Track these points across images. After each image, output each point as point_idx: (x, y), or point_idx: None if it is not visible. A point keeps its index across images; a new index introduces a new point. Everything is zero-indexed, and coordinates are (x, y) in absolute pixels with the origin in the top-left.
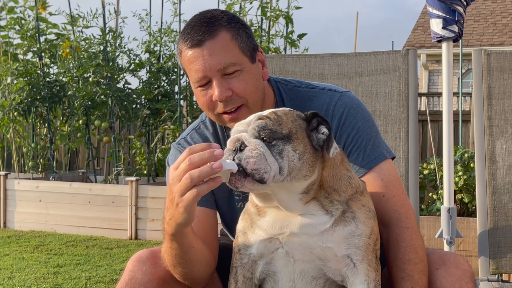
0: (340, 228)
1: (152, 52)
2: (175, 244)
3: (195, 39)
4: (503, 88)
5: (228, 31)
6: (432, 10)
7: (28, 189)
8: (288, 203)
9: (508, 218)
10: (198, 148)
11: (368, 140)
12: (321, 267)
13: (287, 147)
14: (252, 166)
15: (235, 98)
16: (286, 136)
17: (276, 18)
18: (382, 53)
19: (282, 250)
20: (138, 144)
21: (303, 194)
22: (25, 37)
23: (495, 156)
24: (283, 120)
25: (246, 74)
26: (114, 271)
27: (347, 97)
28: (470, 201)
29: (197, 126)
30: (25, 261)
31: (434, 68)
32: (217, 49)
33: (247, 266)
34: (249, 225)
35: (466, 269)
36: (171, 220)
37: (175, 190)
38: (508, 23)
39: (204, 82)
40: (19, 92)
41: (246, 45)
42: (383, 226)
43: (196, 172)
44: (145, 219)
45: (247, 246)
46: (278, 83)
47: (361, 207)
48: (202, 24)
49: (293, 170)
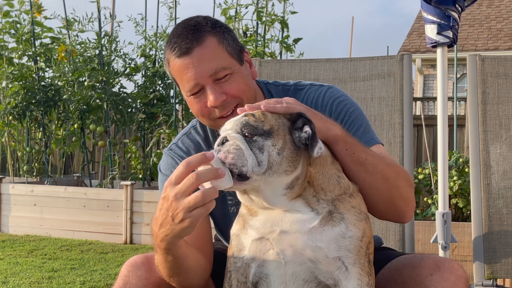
0: (328, 228)
1: (148, 56)
2: (170, 257)
3: (183, 47)
4: (497, 93)
5: (214, 36)
6: (427, 15)
7: (23, 193)
8: (273, 198)
9: (502, 223)
10: (196, 160)
11: (360, 125)
12: (312, 269)
13: (267, 143)
14: (230, 161)
15: (230, 100)
16: (266, 132)
17: (272, 22)
18: (377, 58)
19: (273, 251)
20: (133, 148)
21: (287, 190)
22: (20, 41)
23: (489, 161)
24: (267, 117)
25: (236, 75)
26: (109, 276)
27: (334, 89)
28: (465, 206)
29: (188, 132)
30: (19, 266)
31: (429, 73)
32: (206, 56)
33: (241, 270)
34: (241, 227)
35: (461, 274)
36: (167, 236)
37: (180, 206)
38: (502, 28)
39: (197, 90)
40: (14, 96)
41: (233, 48)
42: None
43: (209, 192)
44: (140, 223)
45: (240, 249)
46: (267, 84)
47: (351, 208)
48: (188, 31)
49: (273, 164)
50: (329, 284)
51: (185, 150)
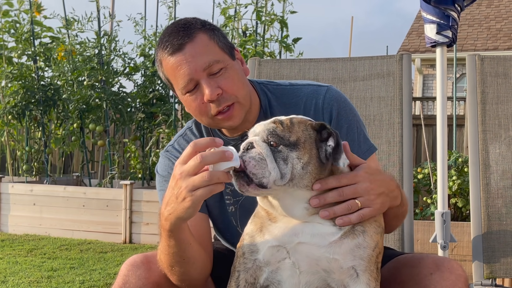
0: (348, 240)
1: (147, 56)
2: (173, 241)
3: (175, 44)
4: (497, 93)
5: (205, 33)
6: (426, 15)
7: (22, 192)
8: (292, 209)
9: (501, 222)
10: (203, 142)
11: (360, 133)
12: (325, 278)
13: (292, 154)
14: (252, 169)
15: (225, 97)
16: (293, 143)
17: (271, 22)
18: (376, 58)
19: (289, 260)
20: (133, 148)
21: (309, 205)
22: (19, 41)
23: (489, 160)
24: (294, 128)
25: (230, 71)
26: (108, 275)
27: (334, 91)
28: (464, 205)
29: (183, 133)
30: (18, 265)
31: (429, 73)
32: (198, 50)
33: (251, 271)
34: (258, 229)
35: (460, 273)
36: (171, 215)
37: (184, 185)
38: (502, 28)
39: (192, 86)
40: (13, 95)
41: (224, 44)
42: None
43: (216, 174)
44: (140, 222)
45: (253, 251)
46: (261, 84)
47: (373, 222)
48: (179, 29)
49: (295, 177)
50: None
51: (181, 151)
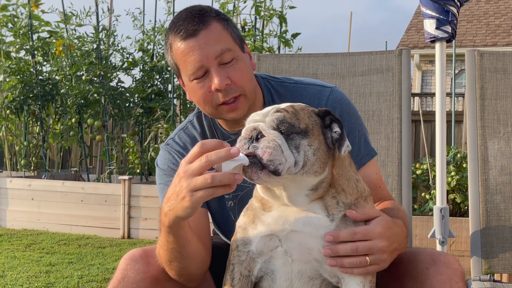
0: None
1: (146, 51)
2: (172, 237)
3: (190, 29)
4: (496, 88)
5: (219, 22)
6: (426, 10)
7: (20, 187)
8: (295, 197)
9: (500, 218)
10: (211, 144)
11: (361, 136)
12: (317, 268)
13: (303, 142)
14: (268, 157)
15: (233, 88)
16: (303, 131)
17: (270, 17)
18: (375, 53)
19: (281, 248)
20: (131, 143)
21: (311, 191)
22: (17, 35)
23: (487, 156)
24: (300, 115)
25: (241, 62)
26: (106, 270)
27: (337, 93)
28: (463, 201)
29: (184, 127)
30: (17, 260)
31: (428, 69)
32: (212, 38)
33: (245, 263)
34: (250, 221)
35: (457, 268)
36: (170, 211)
37: (185, 184)
38: (501, 24)
39: (201, 74)
40: (11, 90)
41: (236, 35)
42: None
43: (219, 176)
44: (138, 218)
45: (246, 243)
46: (265, 79)
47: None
48: (194, 15)
49: (307, 164)
50: (333, 282)
51: (182, 145)
